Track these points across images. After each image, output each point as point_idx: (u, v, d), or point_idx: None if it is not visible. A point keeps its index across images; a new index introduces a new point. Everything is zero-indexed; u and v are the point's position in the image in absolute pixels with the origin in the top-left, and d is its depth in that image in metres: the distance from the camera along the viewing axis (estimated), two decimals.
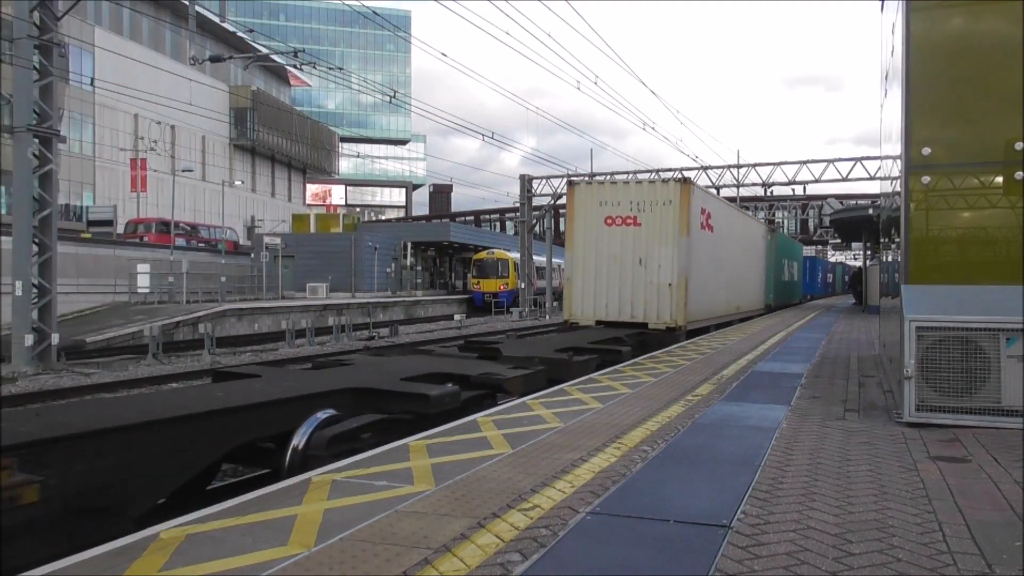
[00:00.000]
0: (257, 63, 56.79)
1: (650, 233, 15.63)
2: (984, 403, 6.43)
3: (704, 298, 17.27)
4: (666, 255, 15.50)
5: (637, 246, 15.72)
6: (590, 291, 16.06)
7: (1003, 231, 6.97)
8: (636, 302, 15.75)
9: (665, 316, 15.53)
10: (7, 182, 20.58)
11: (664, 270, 15.52)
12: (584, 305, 16.15)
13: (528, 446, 5.75)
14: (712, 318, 18.64)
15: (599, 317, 15.97)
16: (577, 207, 16.32)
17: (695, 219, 16.06)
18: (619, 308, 15.86)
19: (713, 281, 18.38)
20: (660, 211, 15.58)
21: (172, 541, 3.67)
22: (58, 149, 18.18)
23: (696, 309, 16.42)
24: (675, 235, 15.47)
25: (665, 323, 15.50)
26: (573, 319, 16.25)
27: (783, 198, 50.46)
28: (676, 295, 15.44)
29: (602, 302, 16.00)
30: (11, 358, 16.73)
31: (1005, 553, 3.59)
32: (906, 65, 7.05)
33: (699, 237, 16.57)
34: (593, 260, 16.03)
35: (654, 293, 15.58)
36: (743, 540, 3.73)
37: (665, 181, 16.13)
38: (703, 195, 17.43)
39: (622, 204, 15.86)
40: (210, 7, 35.75)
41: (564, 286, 16.84)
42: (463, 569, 3.35)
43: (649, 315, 15.67)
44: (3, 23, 19.40)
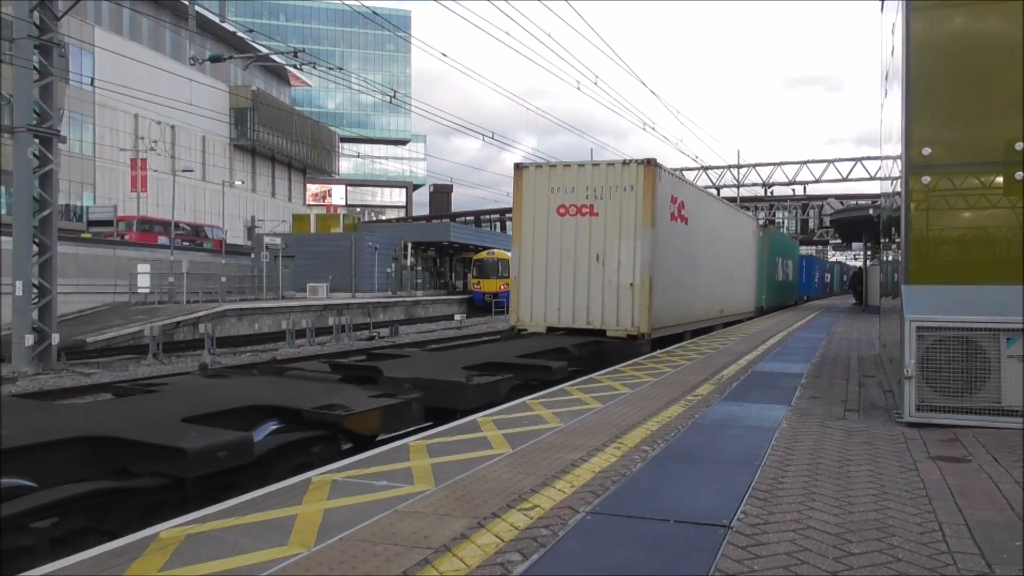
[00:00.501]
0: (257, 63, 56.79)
1: (609, 224, 13.52)
2: (984, 403, 6.43)
3: (675, 300, 15.14)
4: (627, 250, 13.37)
5: (594, 240, 13.59)
6: (540, 293, 14.00)
7: (1003, 231, 6.97)
8: (592, 305, 13.64)
9: (625, 322, 13.35)
10: (7, 182, 20.59)
11: (625, 268, 13.39)
12: (533, 309, 14.08)
13: (528, 446, 5.75)
14: (686, 323, 16.43)
15: (551, 323, 13.95)
16: (525, 194, 14.21)
17: (663, 208, 14.02)
18: (573, 312, 13.78)
19: (688, 281, 16.27)
20: (620, 198, 13.44)
21: (172, 541, 3.67)
22: (58, 149, 18.17)
23: (664, 313, 14.33)
24: (637, 227, 13.31)
25: (625, 330, 13.34)
26: (521, 325, 14.17)
27: (783, 198, 50.53)
28: (638, 297, 13.28)
29: (553, 305, 13.94)
30: (11, 358, 16.73)
31: (1005, 553, 3.59)
32: (906, 65, 7.05)
33: (668, 229, 14.48)
34: (543, 256, 13.95)
35: (613, 295, 13.45)
36: (743, 540, 3.73)
37: (626, 163, 13.61)
38: (673, 181, 15.06)
39: (577, 191, 13.75)
40: (210, 7, 35.75)
41: (510, 286, 14.56)
42: (463, 569, 3.35)
43: (607, 321, 13.52)
44: (3, 23, 19.41)
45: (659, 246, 13.68)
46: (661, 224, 13.81)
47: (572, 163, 14.10)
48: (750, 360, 11.94)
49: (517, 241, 14.33)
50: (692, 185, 17.34)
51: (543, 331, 13.84)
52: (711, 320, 18.99)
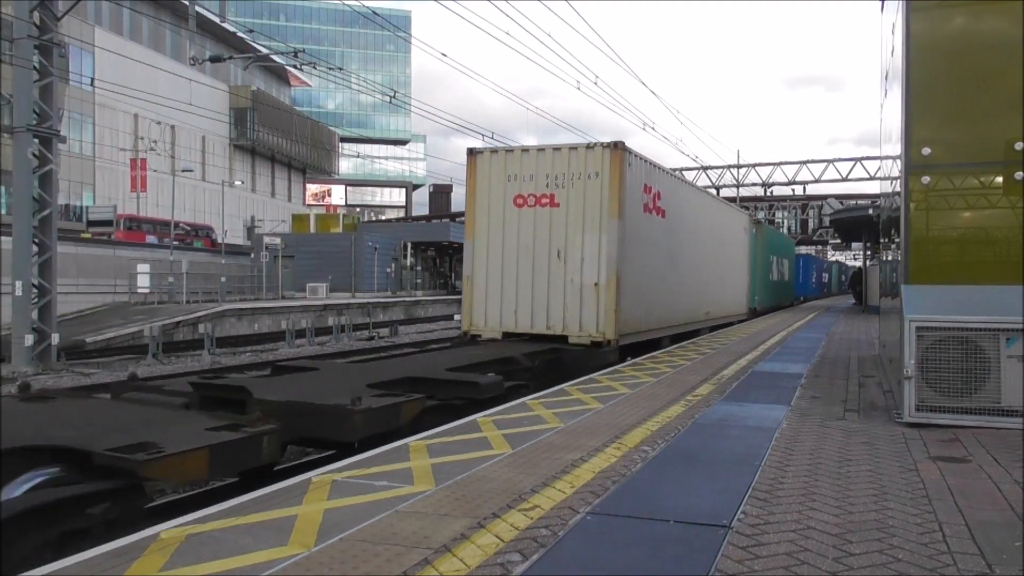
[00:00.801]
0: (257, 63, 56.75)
1: (571, 216, 12.19)
2: (984, 403, 6.42)
3: (650, 302, 13.76)
4: (591, 245, 12.02)
5: (555, 234, 12.29)
6: (495, 294, 12.61)
7: (1003, 231, 6.98)
8: (553, 308, 12.25)
9: (589, 327, 11.96)
10: (7, 182, 20.58)
11: (588, 265, 12.04)
12: (488, 312, 12.66)
13: (528, 446, 5.75)
14: (664, 327, 14.93)
15: (507, 328, 12.52)
16: (479, 183, 12.82)
17: (633, 198, 12.69)
18: (531, 316, 12.37)
19: (665, 280, 14.82)
20: (584, 187, 12.13)
21: (172, 541, 3.67)
22: (58, 149, 18.17)
23: (636, 316, 12.92)
24: (603, 218, 11.97)
25: (589, 336, 11.93)
26: (474, 330, 12.78)
27: (783, 198, 50.56)
28: (604, 298, 11.89)
29: (510, 308, 12.51)
30: (11, 358, 16.73)
31: (1005, 553, 3.59)
32: (906, 65, 7.05)
33: (640, 222, 13.13)
34: (499, 252, 12.60)
35: (575, 296, 12.09)
36: (743, 540, 3.73)
37: (590, 147, 12.25)
38: (647, 168, 13.53)
39: (536, 179, 12.40)
40: (210, 7, 35.75)
41: (463, 286, 13.14)
42: (463, 569, 3.35)
43: (569, 326, 12.13)
44: (3, 23, 19.41)
45: (629, 240, 12.41)
46: (631, 216, 12.53)
47: (531, 147, 12.77)
48: (750, 360, 11.94)
49: (470, 235, 12.95)
50: (671, 174, 15.57)
51: (499, 337, 12.46)
52: (695, 323, 17.57)
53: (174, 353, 21.59)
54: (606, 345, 11.91)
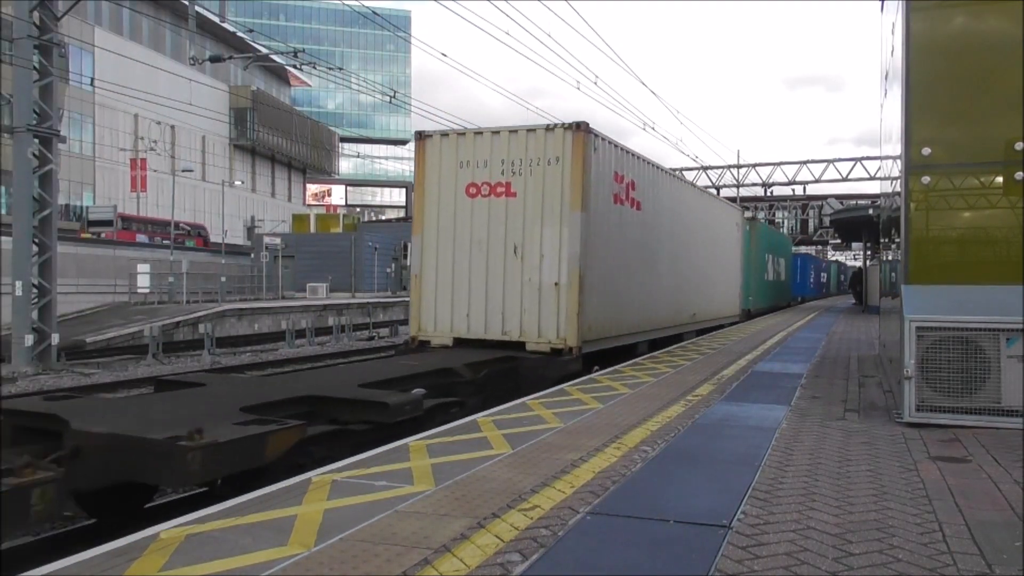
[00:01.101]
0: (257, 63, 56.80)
1: (529, 207, 10.92)
2: (984, 403, 6.43)
3: (622, 304, 12.48)
4: (551, 240, 10.78)
5: (511, 227, 11.03)
6: (445, 295, 11.38)
7: (1003, 231, 6.97)
8: (509, 311, 11.00)
9: (549, 332, 10.71)
10: (7, 182, 20.59)
11: (548, 263, 10.78)
12: (438, 316, 11.43)
13: (528, 446, 5.75)
14: (640, 332, 13.58)
15: (459, 333, 11.27)
16: (429, 171, 11.56)
17: (601, 187, 11.44)
18: (485, 320, 11.13)
19: (640, 280, 13.46)
20: (543, 174, 10.85)
21: (172, 541, 3.67)
22: (58, 149, 18.18)
23: (604, 320, 11.67)
24: (564, 210, 10.71)
25: (549, 342, 10.68)
26: (423, 336, 11.50)
27: (783, 198, 50.56)
28: (565, 301, 10.63)
29: (462, 311, 11.27)
30: (11, 358, 16.73)
31: (1005, 553, 3.59)
32: (906, 65, 7.05)
33: (609, 214, 11.86)
34: (450, 248, 11.34)
35: (534, 297, 10.85)
36: (743, 540, 3.73)
37: (550, 128, 10.93)
38: (619, 154, 12.26)
39: (491, 165, 11.13)
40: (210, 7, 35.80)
41: (411, 287, 11.87)
42: (463, 569, 3.35)
43: (527, 331, 10.87)
44: (3, 23, 19.41)
45: (595, 235, 11.15)
46: (598, 207, 11.29)
47: (485, 130, 11.49)
48: (750, 360, 11.94)
49: (418, 229, 11.69)
50: (648, 162, 13.99)
51: (449, 344, 11.23)
52: (679, 327, 16.23)
53: (174, 353, 21.60)
54: (567, 353, 10.52)
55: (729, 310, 21.61)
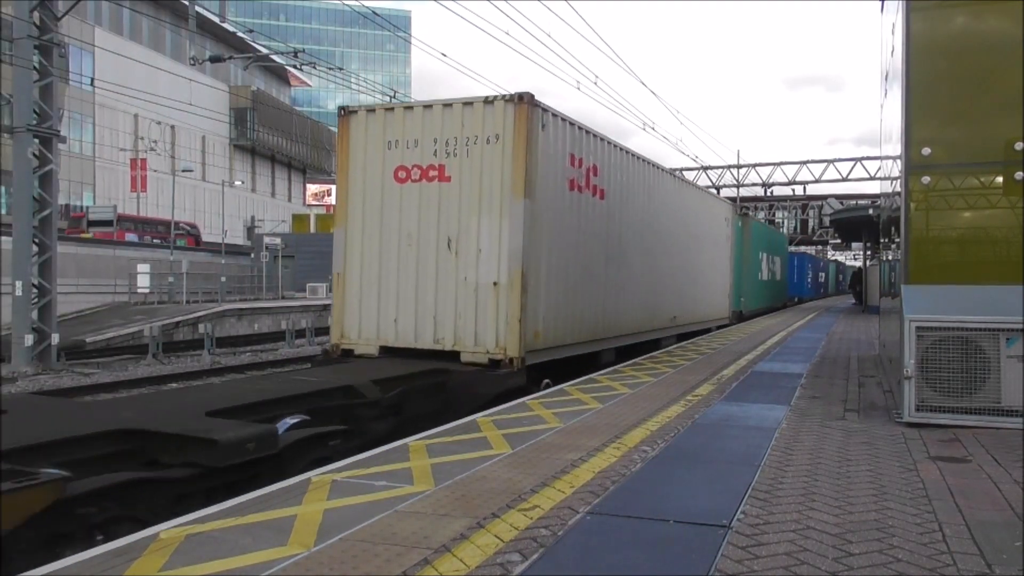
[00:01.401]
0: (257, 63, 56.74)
1: (466, 194, 9.50)
2: (984, 403, 6.43)
3: (578, 307, 10.93)
4: (490, 232, 9.36)
5: (445, 217, 9.61)
6: (371, 296, 9.95)
7: (1003, 231, 6.98)
8: (442, 316, 9.57)
9: (487, 340, 9.28)
10: (7, 182, 20.59)
11: (487, 258, 9.35)
12: (363, 321, 9.98)
13: (528, 446, 5.75)
14: (602, 339, 11.87)
15: (386, 341, 9.81)
16: (353, 152, 10.10)
17: (551, 170, 9.90)
18: (415, 326, 9.69)
19: (604, 279, 11.92)
20: (481, 155, 9.42)
21: (172, 541, 3.67)
22: (58, 149, 18.17)
23: (555, 326, 10.15)
24: (504, 197, 9.26)
25: (487, 352, 9.22)
26: (346, 344, 10.05)
27: (783, 198, 50.55)
28: (505, 303, 9.20)
29: (390, 316, 9.83)
30: (11, 358, 16.73)
31: (1005, 553, 3.59)
32: (906, 65, 7.05)
33: (563, 203, 10.34)
34: (376, 242, 9.93)
35: (470, 299, 9.42)
36: (743, 540, 3.73)
37: (489, 101, 9.41)
38: (575, 134, 10.67)
39: (422, 145, 9.71)
40: (210, 7, 35.80)
41: (333, 287, 10.44)
42: (463, 569, 3.35)
43: (462, 338, 9.44)
44: (3, 23, 19.41)
45: (542, 226, 9.72)
46: (548, 194, 9.84)
47: (416, 104, 10.17)
48: (750, 360, 11.94)
49: (341, 221, 10.24)
50: (615, 145, 12.30)
51: (375, 353, 9.80)
52: (655, 331, 14.64)
53: (174, 353, 21.60)
54: (507, 365, 9.05)
55: (716, 312, 20.07)
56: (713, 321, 19.64)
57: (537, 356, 9.65)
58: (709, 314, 19.20)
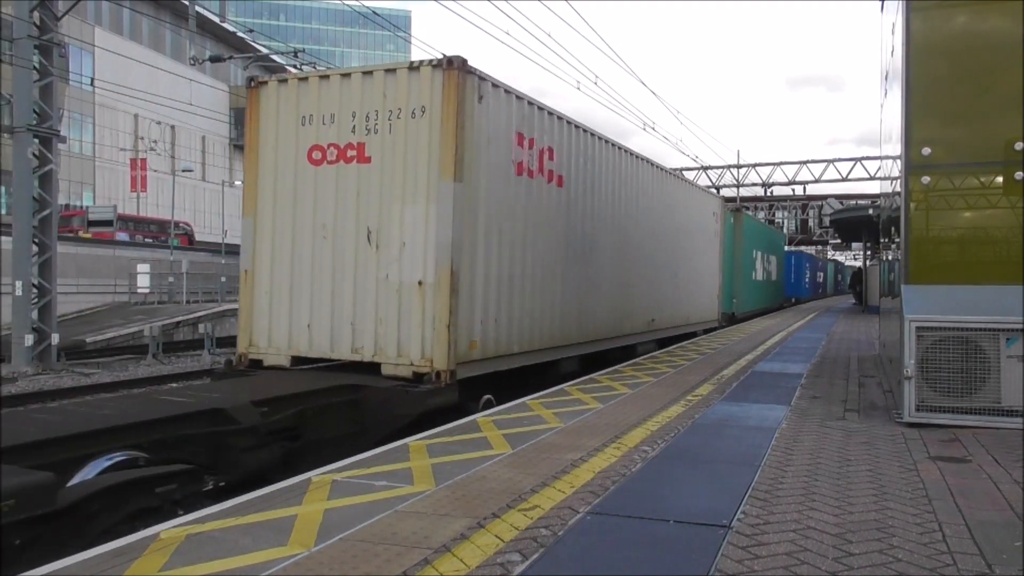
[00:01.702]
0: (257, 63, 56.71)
1: (388, 177, 8.24)
2: (984, 403, 6.43)
3: (528, 310, 9.55)
4: (415, 222, 8.07)
5: (365, 204, 8.36)
6: (282, 298, 8.72)
7: (1003, 231, 6.98)
8: (361, 321, 8.28)
9: (411, 350, 7.97)
10: (7, 182, 20.60)
11: (412, 253, 8.07)
12: (273, 326, 8.74)
13: (528, 446, 5.75)
14: (559, 347, 10.41)
15: (298, 350, 8.59)
16: (264, 129, 8.91)
17: (491, 149, 8.58)
18: (331, 333, 8.44)
19: (563, 278, 10.50)
20: (405, 131, 8.14)
21: (172, 541, 3.67)
22: (58, 149, 18.18)
23: (497, 332, 8.81)
24: (432, 180, 7.97)
25: (411, 364, 7.92)
26: (255, 353, 8.79)
27: (783, 198, 50.57)
28: (432, 306, 7.90)
29: (302, 320, 8.58)
30: (11, 358, 16.73)
31: (1005, 553, 3.59)
32: (906, 65, 7.05)
33: (507, 188, 8.96)
34: (289, 235, 8.74)
35: (392, 302, 8.12)
36: (743, 540, 3.73)
37: (414, 67, 8.14)
38: (523, 109, 9.32)
39: (339, 120, 8.48)
40: (210, 7, 35.77)
41: (240, 286, 9.09)
42: (463, 569, 3.35)
43: (384, 347, 8.13)
44: (3, 23, 19.41)
45: (480, 215, 8.44)
46: (486, 178, 8.51)
47: (332, 72, 8.80)
48: (750, 360, 11.94)
49: (249, 209, 8.99)
50: (577, 126, 10.88)
51: (286, 364, 8.58)
52: (629, 336, 13.25)
53: (174, 353, 21.60)
54: (433, 379, 7.72)
55: (703, 315, 18.53)
56: (699, 324, 18.23)
57: (473, 368, 8.33)
58: (694, 317, 17.75)
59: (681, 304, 16.45)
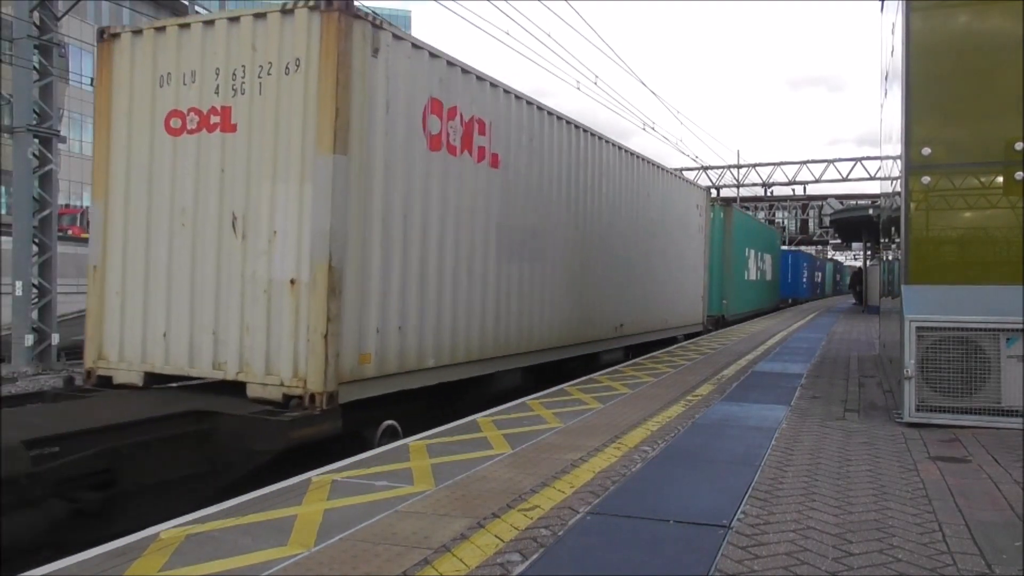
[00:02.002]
0: None
1: (257, 149, 6.68)
2: (984, 403, 6.43)
3: (445, 314, 7.87)
4: (287, 204, 6.52)
5: (230, 183, 6.77)
6: (136, 300, 7.16)
7: (1003, 231, 6.98)
8: (225, 329, 6.71)
9: (282, 366, 6.40)
10: (7, 182, 20.61)
11: (283, 244, 6.51)
12: (126, 335, 7.20)
13: (528, 446, 5.75)
14: (494, 357, 8.81)
15: (152, 365, 7.04)
16: (116, 92, 7.34)
17: (387, 114, 6.95)
18: (191, 344, 6.88)
19: (492, 275, 8.75)
20: (278, 90, 6.60)
21: (172, 541, 3.67)
22: (58, 149, 18.16)
23: (402, 343, 7.18)
24: (308, 153, 6.43)
25: (282, 384, 6.35)
26: (104, 368, 7.24)
27: (783, 198, 50.59)
28: (306, 311, 6.34)
29: (158, 328, 7.01)
30: (11, 358, 16.74)
31: (1005, 553, 3.59)
32: (906, 65, 7.05)
33: (414, 165, 7.34)
34: (144, 221, 7.17)
35: (261, 305, 6.55)
36: (743, 540, 3.73)
37: (288, 10, 6.60)
38: (441, 69, 7.79)
39: (202, 78, 6.92)
40: (210, 7, 35.78)
41: (88, 285, 7.54)
42: (463, 569, 3.35)
43: (251, 363, 6.56)
44: (3, 23, 19.42)
45: (375, 197, 6.81)
46: (385, 150, 6.90)
47: (194, 20, 7.21)
48: (750, 360, 11.94)
49: (99, 192, 7.52)
50: (517, 96, 9.25)
51: (139, 382, 7.03)
52: (591, 344, 11.61)
53: None
54: (306, 405, 6.11)
55: (684, 318, 16.64)
56: (680, 329, 16.41)
57: (366, 388, 6.71)
58: (674, 320, 15.94)
59: (657, 307, 14.72)
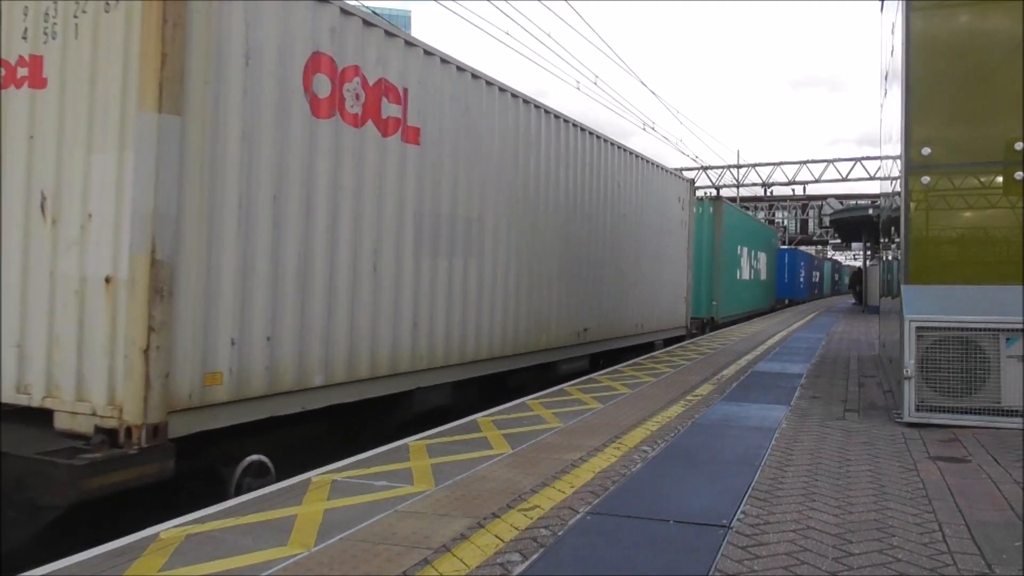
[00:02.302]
0: None
1: (71, 108, 5.12)
2: (984, 403, 6.43)
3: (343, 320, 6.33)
4: (103, 179, 4.93)
5: (40, 153, 5.21)
6: None
7: (1003, 231, 6.99)
8: (33, 341, 5.09)
9: (95, 389, 4.79)
10: None
11: (99, 230, 4.92)
12: None
13: (528, 446, 5.75)
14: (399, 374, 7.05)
15: None
16: None
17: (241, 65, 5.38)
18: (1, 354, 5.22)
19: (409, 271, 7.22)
20: (96, 34, 5.04)
21: (172, 541, 3.67)
22: None
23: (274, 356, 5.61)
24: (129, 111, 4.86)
25: (93, 413, 4.74)
26: None
27: (783, 198, 50.60)
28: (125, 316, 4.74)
29: None
30: None
31: (1005, 553, 3.59)
32: (906, 65, 7.06)
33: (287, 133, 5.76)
34: None
35: (71, 309, 4.97)
36: (743, 540, 3.73)
37: None
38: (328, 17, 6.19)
39: (9, 18, 5.38)
40: None
41: None
42: (463, 569, 3.35)
43: (60, 385, 4.94)
44: None
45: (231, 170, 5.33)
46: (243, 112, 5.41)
47: None
48: (750, 360, 11.94)
49: None
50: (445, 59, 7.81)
51: None
52: (545, 353, 9.98)
53: None
54: (123, 441, 4.63)
55: (664, 321, 15.03)
56: (658, 333, 14.76)
57: (216, 417, 5.21)
58: (651, 324, 14.23)
59: (630, 309, 13.14)
